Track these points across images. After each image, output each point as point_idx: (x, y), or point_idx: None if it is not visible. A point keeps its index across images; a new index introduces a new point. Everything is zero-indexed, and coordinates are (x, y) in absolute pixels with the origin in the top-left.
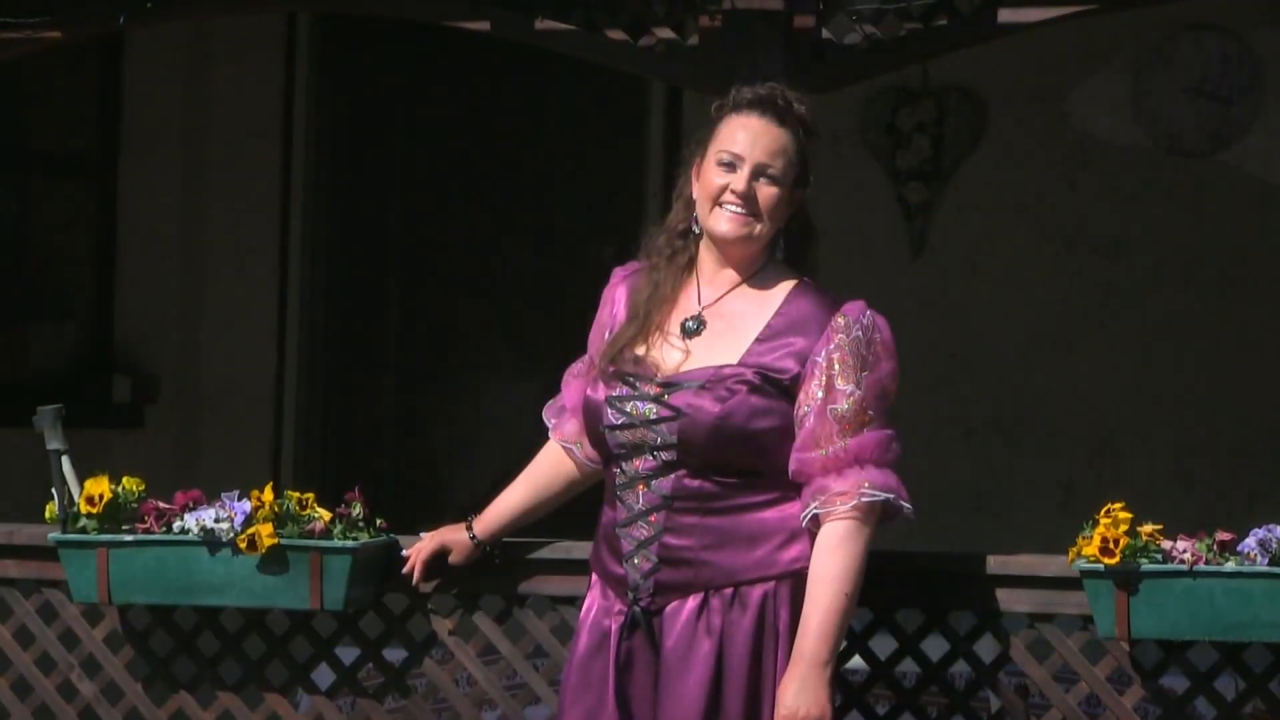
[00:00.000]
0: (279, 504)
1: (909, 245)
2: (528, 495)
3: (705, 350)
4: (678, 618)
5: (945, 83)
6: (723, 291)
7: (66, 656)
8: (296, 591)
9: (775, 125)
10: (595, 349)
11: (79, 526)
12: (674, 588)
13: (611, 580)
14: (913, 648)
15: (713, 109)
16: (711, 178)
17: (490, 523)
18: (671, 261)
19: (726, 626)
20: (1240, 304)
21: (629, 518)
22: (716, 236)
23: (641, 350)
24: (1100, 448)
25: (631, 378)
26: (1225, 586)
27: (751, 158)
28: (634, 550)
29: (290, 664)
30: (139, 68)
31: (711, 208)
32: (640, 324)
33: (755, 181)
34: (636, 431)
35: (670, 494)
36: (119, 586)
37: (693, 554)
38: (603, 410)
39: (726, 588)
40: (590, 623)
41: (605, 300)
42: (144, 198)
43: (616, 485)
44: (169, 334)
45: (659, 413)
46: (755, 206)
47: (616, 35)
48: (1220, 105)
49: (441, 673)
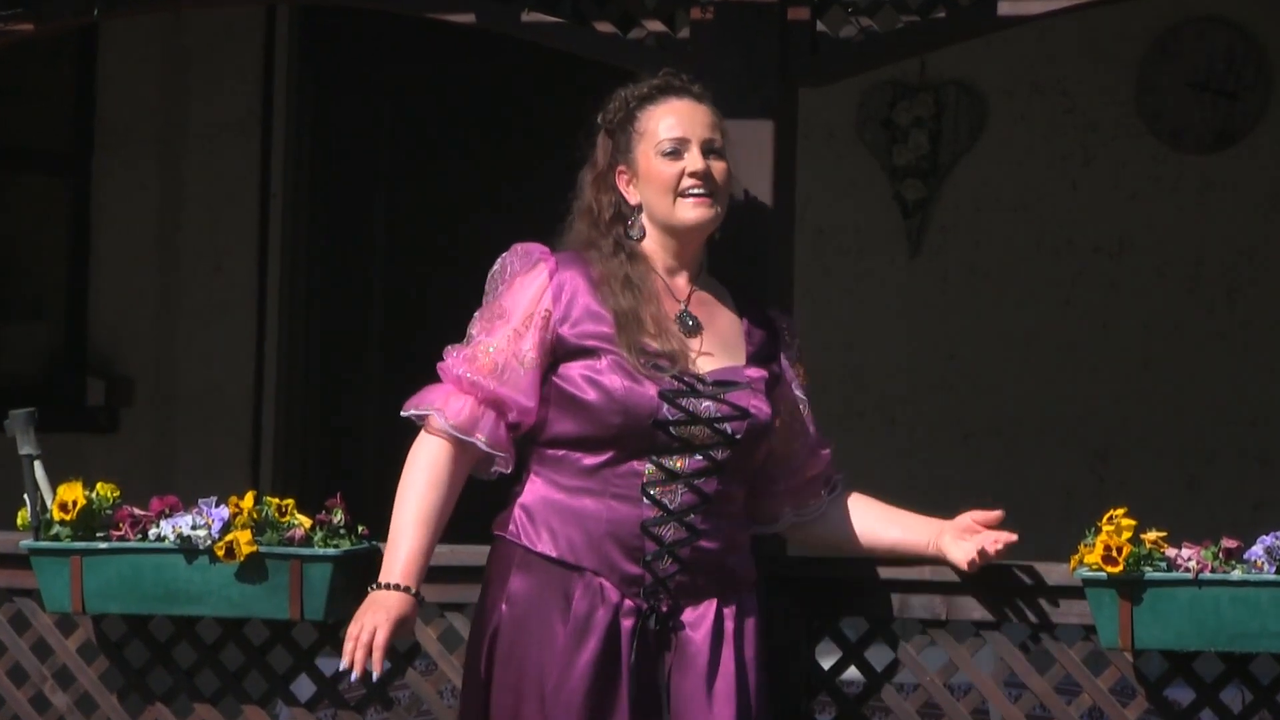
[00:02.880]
0: (258, 510)
1: (906, 244)
2: (441, 515)
3: (720, 349)
4: (700, 624)
5: (943, 77)
6: (688, 289)
7: (39, 667)
8: (276, 600)
9: (696, 102)
10: (535, 333)
11: (52, 534)
12: (695, 591)
13: (621, 579)
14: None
15: (609, 119)
16: (661, 171)
17: (421, 569)
18: (631, 257)
19: (739, 632)
20: (1246, 304)
21: (659, 517)
22: (684, 228)
23: (659, 344)
24: (1102, 452)
25: (675, 374)
26: (1231, 595)
27: (696, 136)
28: (660, 550)
29: (269, 675)
30: (113, 61)
31: (674, 200)
32: (640, 318)
33: (707, 159)
34: (698, 428)
35: (712, 494)
36: (93, 595)
37: (717, 558)
38: (656, 405)
39: (735, 593)
40: (596, 623)
41: (533, 280)
42: (119, 195)
43: (646, 482)
44: (144, 335)
45: (721, 410)
46: (714, 184)
47: (605, 28)
48: (1226, 100)
49: (425, 684)
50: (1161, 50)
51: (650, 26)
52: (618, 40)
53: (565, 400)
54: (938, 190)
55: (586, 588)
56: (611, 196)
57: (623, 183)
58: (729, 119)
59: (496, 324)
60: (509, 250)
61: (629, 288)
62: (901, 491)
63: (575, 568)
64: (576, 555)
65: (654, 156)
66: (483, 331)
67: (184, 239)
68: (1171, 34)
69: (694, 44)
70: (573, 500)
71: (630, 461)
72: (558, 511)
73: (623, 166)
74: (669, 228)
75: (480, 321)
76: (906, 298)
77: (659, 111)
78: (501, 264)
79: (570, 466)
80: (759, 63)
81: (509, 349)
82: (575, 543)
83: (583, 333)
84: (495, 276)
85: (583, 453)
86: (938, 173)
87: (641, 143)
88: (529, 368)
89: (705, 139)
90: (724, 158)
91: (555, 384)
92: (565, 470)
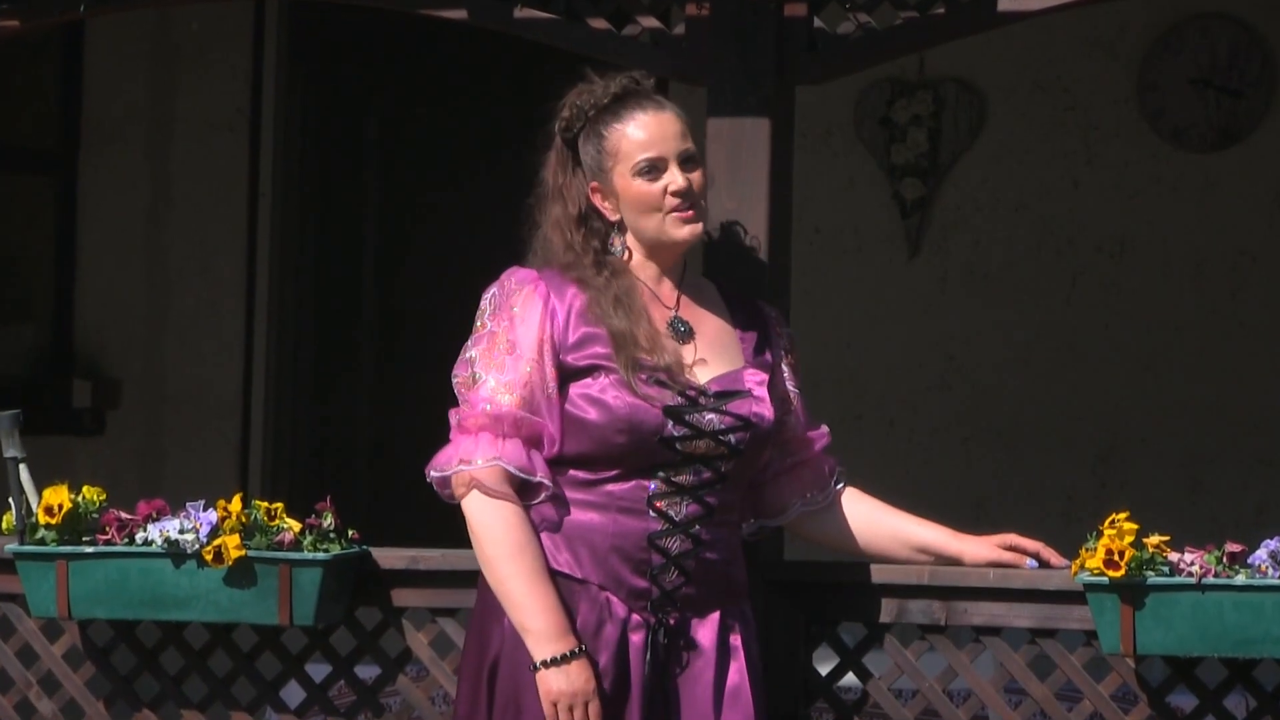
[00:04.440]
0: (246, 514)
1: (905, 244)
2: (546, 570)
3: (716, 354)
4: (706, 636)
5: (943, 74)
6: (674, 293)
7: (24, 673)
8: (265, 605)
9: (660, 110)
10: (549, 361)
11: (37, 538)
12: (700, 603)
13: (629, 594)
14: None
15: (567, 129)
16: (642, 190)
17: (569, 624)
18: (615, 273)
19: (744, 642)
20: (1250, 305)
21: (665, 530)
22: (673, 245)
23: (655, 359)
24: (1104, 455)
25: (675, 388)
26: (1235, 600)
27: (670, 151)
28: (667, 563)
29: (258, 681)
30: (100, 58)
31: (662, 217)
32: (634, 336)
33: (686, 172)
34: (702, 442)
35: (716, 505)
36: (79, 600)
37: (721, 568)
38: (661, 422)
39: (736, 603)
40: (605, 639)
41: (534, 308)
42: (105, 194)
43: (651, 495)
44: (132, 336)
45: (724, 422)
46: (694, 196)
47: (599, 24)
48: (1229, 98)
49: (416, 690)
50: (1164, 47)
51: (645, 23)
52: (612, 36)
53: (569, 421)
54: (937, 189)
55: (592, 602)
56: (579, 207)
57: (598, 200)
58: (725, 117)
59: (508, 359)
60: (497, 282)
61: (619, 306)
62: (901, 494)
63: (580, 582)
64: (582, 570)
65: (632, 178)
66: (494, 369)
67: (172, 239)
68: (1174, 30)
69: (689, 41)
70: (577, 515)
71: (636, 477)
72: (562, 527)
73: (596, 184)
74: (658, 244)
75: (486, 359)
76: (905, 298)
77: (626, 129)
78: (493, 295)
79: (573, 483)
80: (755, 60)
81: (533, 380)
82: (580, 557)
83: (582, 355)
84: (489, 308)
85: (587, 470)
86: (937, 171)
87: (616, 164)
88: (553, 396)
89: (680, 151)
90: (699, 163)
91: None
92: (569, 486)
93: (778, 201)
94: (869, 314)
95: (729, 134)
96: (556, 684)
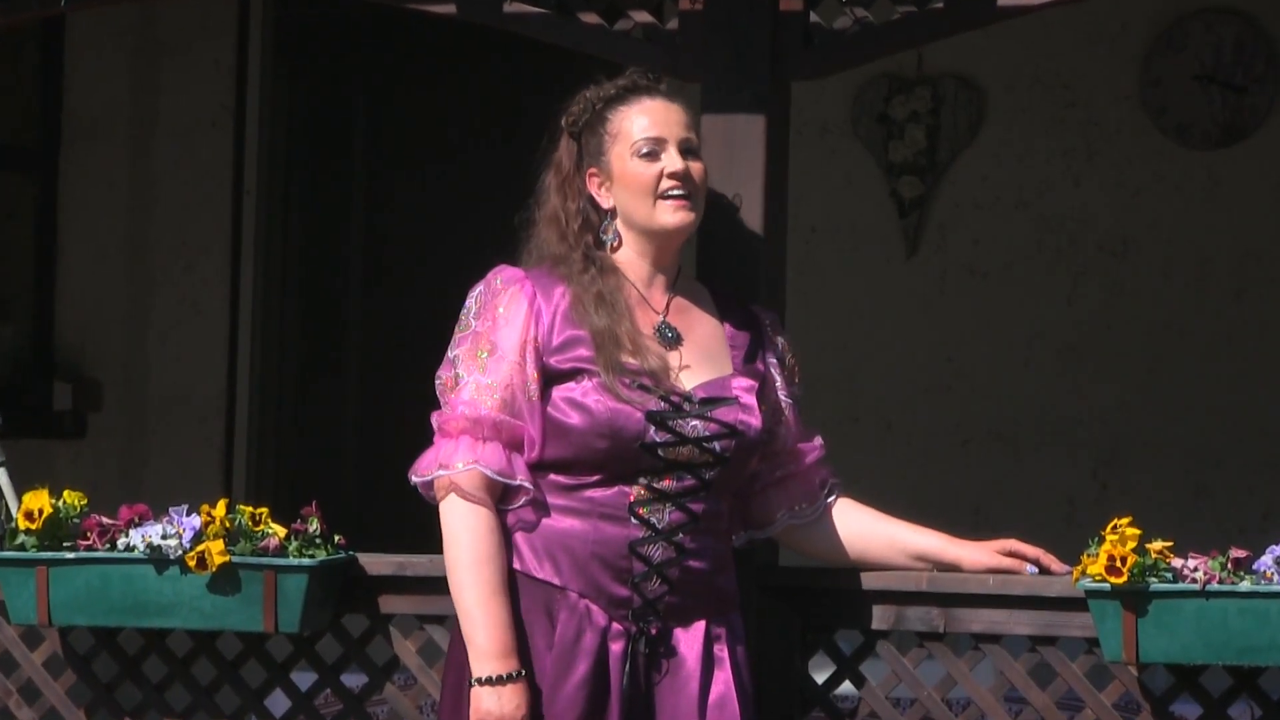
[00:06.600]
0: (230, 519)
1: (903, 243)
2: (506, 586)
3: (703, 361)
4: (690, 646)
5: (941, 70)
6: (665, 297)
7: (4, 681)
8: (249, 612)
9: (668, 100)
10: (531, 363)
11: (17, 543)
12: (684, 612)
13: (610, 602)
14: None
15: (574, 121)
16: (639, 173)
17: (515, 646)
18: (603, 271)
19: (731, 653)
20: (1255, 305)
21: (648, 537)
22: (665, 231)
23: (639, 362)
24: (1106, 458)
25: (659, 393)
26: (1240, 607)
27: (672, 135)
28: (649, 571)
29: (242, 690)
30: (81, 54)
31: (654, 202)
32: (616, 336)
33: (685, 159)
34: (686, 449)
35: (701, 513)
36: (60, 607)
37: (706, 578)
38: (643, 428)
39: (723, 613)
40: (584, 648)
41: (518, 309)
42: (87, 193)
43: (633, 502)
44: (113, 337)
45: (709, 429)
46: (693, 185)
47: (590, 19)
48: (1234, 94)
49: (404, 699)
50: (1167, 42)
51: (637, 17)
52: (603, 32)
53: (551, 425)
54: (935, 187)
55: (571, 610)
56: (579, 203)
57: (594, 186)
58: (719, 113)
59: (490, 359)
60: (484, 281)
61: (602, 305)
62: (898, 498)
63: (560, 589)
64: (562, 577)
65: (630, 158)
66: (476, 370)
67: (154, 237)
68: (1178, 25)
69: (683, 35)
70: (557, 521)
71: (618, 483)
72: (541, 533)
73: (594, 169)
74: (648, 232)
75: (468, 361)
76: (903, 298)
77: (631, 112)
78: (479, 294)
79: (555, 488)
80: (750, 55)
81: (514, 382)
82: (560, 565)
83: (565, 357)
84: (474, 307)
85: (568, 476)
86: (935, 169)
87: (615, 145)
88: (534, 399)
89: (682, 139)
90: (700, 158)
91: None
92: (550, 491)
93: (773, 199)
94: (866, 314)
95: (723, 131)
96: (486, 703)
